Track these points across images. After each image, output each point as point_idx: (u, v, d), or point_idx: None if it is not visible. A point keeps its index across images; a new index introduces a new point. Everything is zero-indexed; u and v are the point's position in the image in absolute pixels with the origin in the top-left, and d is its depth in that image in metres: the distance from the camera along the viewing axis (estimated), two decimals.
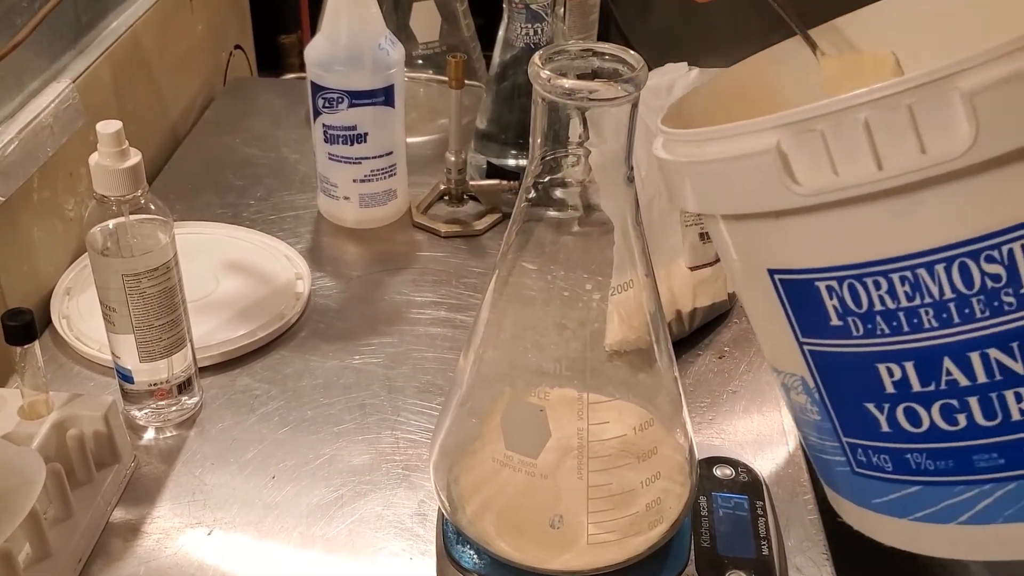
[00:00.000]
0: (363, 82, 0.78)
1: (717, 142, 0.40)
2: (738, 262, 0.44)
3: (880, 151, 0.35)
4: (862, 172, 0.36)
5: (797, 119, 0.37)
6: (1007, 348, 0.37)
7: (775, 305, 0.43)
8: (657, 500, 0.51)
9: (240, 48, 1.21)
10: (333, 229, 0.86)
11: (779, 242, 0.41)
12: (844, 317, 0.40)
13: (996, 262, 0.36)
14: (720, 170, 0.40)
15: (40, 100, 0.74)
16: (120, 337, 0.61)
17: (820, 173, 0.37)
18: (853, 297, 0.39)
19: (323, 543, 0.58)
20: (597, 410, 0.48)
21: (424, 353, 0.72)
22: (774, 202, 0.39)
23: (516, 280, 0.50)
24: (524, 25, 0.81)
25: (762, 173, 0.38)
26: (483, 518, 0.52)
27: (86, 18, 0.84)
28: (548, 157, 0.46)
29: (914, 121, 0.34)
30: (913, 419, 0.41)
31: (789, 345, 0.44)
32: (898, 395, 0.41)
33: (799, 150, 0.37)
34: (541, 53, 0.44)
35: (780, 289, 0.42)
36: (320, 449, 0.64)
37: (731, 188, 0.40)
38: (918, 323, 0.38)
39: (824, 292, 0.40)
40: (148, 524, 0.58)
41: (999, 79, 0.33)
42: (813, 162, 0.37)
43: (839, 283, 0.39)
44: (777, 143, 0.37)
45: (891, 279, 0.38)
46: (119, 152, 0.56)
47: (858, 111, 0.35)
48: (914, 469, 0.42)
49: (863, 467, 0.44)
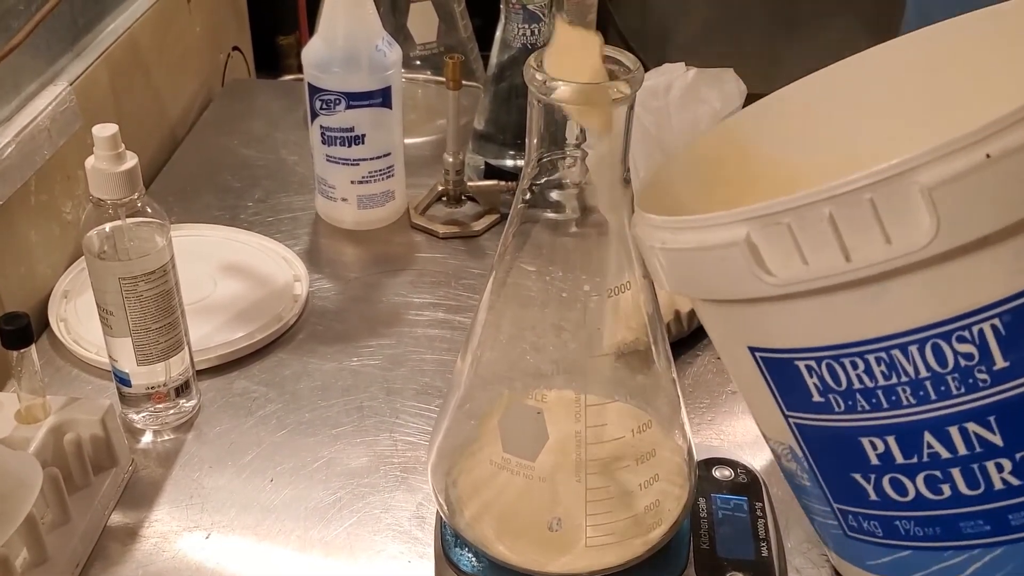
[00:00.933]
0: (360, 83, 0.78)
1: (690, 231, 0.40)
2: (722, 338, 0.45)
3: (847, 243, 0.36)
4: (831, 264, 0.37)
5: (764, 213, 0.37)
6: (984, 422, 0.38)
7: (759, 380, 0.44)
8: (656, 502, 0.50)
9: (238, 49, 1.21)
10: (331, 231, 0.86)
11: (757, 324, 0.42)
12: (825, 394, 0.41)
13: (968, 342, 0.37)
14: (694, 258, 0.41)
15: (37, 103, 0.74)
16: (117, 340, 0.61)
17: (790, 264, 0.38)
18: (832, 376, 0.40)
19: (321, 546, 0.57)
20: (595, 412, 0.48)
21: (422, 355, 0.72)
22: (747, 291, 0.39)
23: (513, 281, 0.49)
24: (521, 26, 0.80)
25: (734, 263, 0.39)
26: (481, 521, 0.52)
27: (83, 20, 0.84)
28: (545, 159, 0.46)
29: (877, 214, 0.35)
30: (899, 489, 0.42)
31: (776, 417, 0.44)
32: (883, 467, 0.41)
33: (768, 242, 0.38)
34: (536, 55, 0.44)
35: (762, 366, 0.43)
36: (318, 452, 0.64)
37: (705, 275, 0.41)
38: (896, 400, 0.39)
39: (804, 370, 0.41)
40: (146, 528, 0.58)
41: (955, 173, 0.34)
42: (783, 253, 0.37)
43: (817, 363, 0.40)
44: (747, 235, 0.38)
45: (867, 359, 0.39)
46: (115, 155, 0.56)
47: (822, 206, 0.36)
48: (903, 535, 0.43)
49: (855, 531, 0.45)
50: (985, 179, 0.34)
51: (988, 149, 0.34)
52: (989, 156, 0.34)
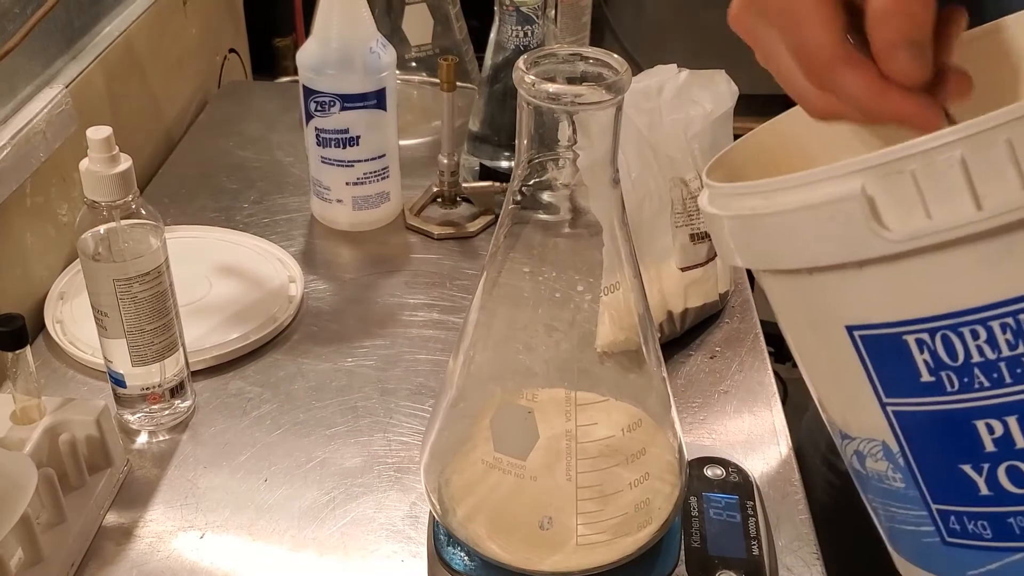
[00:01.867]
0: (355, 85, 0.78)
1: (790, 191, 0.37)
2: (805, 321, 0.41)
3: (979, 189, 0.33)
4: (960, 213, 0.34)
5: (884, 160, 0.34)
6: None
7: (852, 365, 0.40)
8: (646, 501, 0.51)
9: (235, 52, 1.21)
10: (326, 232, 0.86)
11: (860, 295, 0.38)
12: (936, 372, 0.37)
13: None
14: (793, 221, 0.37)
15: (33, 106, 0.74)
16: (112, 342, 0.61)
17: (912, 217, 0.34)
18: (947, 349, 0.36)
19: (315, 545, 0.58)
20: (585, 411, 0.48)
21: (417, 355, 0.72)
22: (859, 251, 0.36)
23: (505, 282, 0.50)
24: (515, 27, 0.81)
25: (845, 221, 0.35)
26: (473, 520, 0.52)
27: (79, 23, 0.84)
28: (535, 160, 0.46)
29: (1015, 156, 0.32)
30: (1017, 479, 0.38)
31: (868, 408, 0.40)
32: (999, 453, 0.38)
33: (887, 194, 0.34)
34: (525, 58, 0.44)
35: (861, 347, 0.39)
36: (312, 452, 0.64)
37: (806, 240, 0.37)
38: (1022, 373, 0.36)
39: (913, 346, 0.37)
40: (141, 528, 0.59)
41: None
42: (904, 205, 0.34)
43: (931, 335, 0.37)
44: (862, 187, 0.35)
45: (990, 327, 0.35)
46: (109, 158, 0.56)
47: (953, 147, 0.33)
48: (1018, 534, 0.39)
49: (956, 536, 0.41)
50: None
51: None
52: None
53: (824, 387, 0.43)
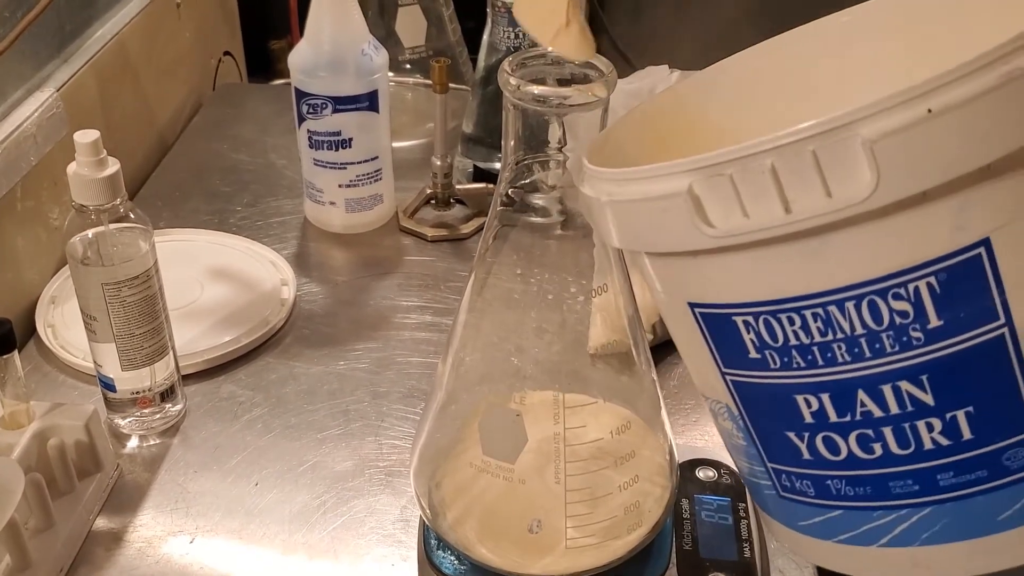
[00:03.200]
0: (347, 88, 0.78)
1: (635, 183, 0.40)
2: (662, 294, 0.45)
3: (788, 195, 0.36)
4: (771, 215, 0.37)
5: (707, 163, 0.37)
6: (917, 381, 0.39)
7: (698, 337, 0.44)
8: (636, 503, 0.51)
9: (229, 54, 1.21)
10: (319, 234, 0.86)
11: (697, 278, 0.42)
12: (761, 351, 0.41)
13: (903, 299, 0.37)
14: (639, 210, 0.41)
15: (23, 109, 0.74)
16: (102, 346, 0.61)
17: (731, 216, 0.38)
18: (769, 332, 0.40)
19: (305, 549, 0.58)
20: (574, 413, 0.48)
21: (409, 358, 0.72)
22: (689, 243, 0.39)
23: (493, 284, 0.50)
24: (507, 29, 0.81)
25: (676, 215, 0.39)
26: (463, 524, 0.52)
27: (71, 26, 0.84)
28: (522, 162, 0.46)
29: (819, 166, 0.35)
30: (832, 448, 0.42)
31: (713, 375, 0.45)
32: (816, 425, 0.42)
33: (710, 193, 0.38)
34: (511, 59, 0.44)
35: (701, 322, 0.43)
36: (303, 456, 0.64)
37: (650, 228, 0.41)
38: (832, 357, 0.39)
39: (741, 326, 0.41)
40: (131, 533, 0.58)
41: (897, 127, 0.34)
42: (724, 205, 0.38)
43: (755, 318, 0.40)
44: (689, 186, 0.38)
45: (804, 315, 0.39)
46: (97, 161, 0.56)
47: (764, 157, 0.36)
48: (835, 494, 0.43)
49: (788, 491, 0.45)
50: (926, 134, 0.34)
51: (930, 104, 0.34)
52: (931, 111, 0.34)
53: (684, 354, 0.48)
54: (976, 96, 0.33)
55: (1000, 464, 0.39)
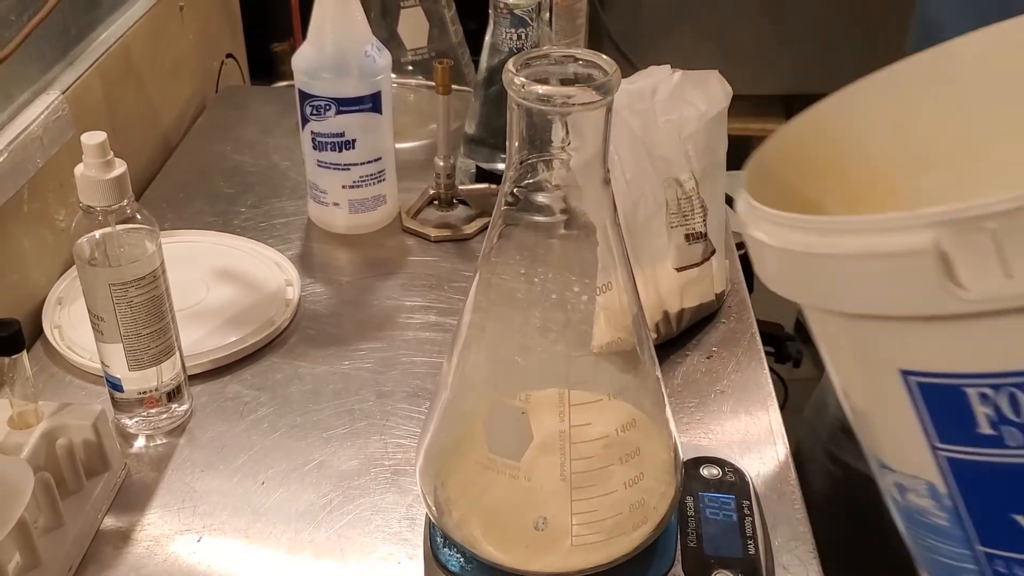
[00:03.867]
0: (350, 89, 0.79)
1: (852, 235, 0.34)
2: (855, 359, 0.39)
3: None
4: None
5: (963, 216, 0.32)
6: None
7: (905, 407, 0.38)
8: (641, 500, 0.51)
9: (232, 57, 1.21)
10: (323, 235, 0.86)
11: (922, 345, 0.36)
12: (998, 426, 0.36)
13: None
14: (854, 267, 0.35)
15: (29, 112, 0.75)
16: (109, 346, 0.61)
17: (989, 277, 0.32)
18: (1012, 406, 0.35)
19: (312, 548, 0.58)
20: (579, 411, 0.49)
21: (413, 357, 0.72)
22: (928, 307, 0.34)
23: (498, 283, 0.50)
24: (509, 30, 0.81)
25: (915, 275, 0.33)
26: (469, 521, 0.52)
27: (75, 30, 0.85)
28: (527, 161, 0.47)
29: None
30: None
31: (918, 449, 0.39)
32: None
33: (964, 251, 0.32)
34: (515, 59, 0.44)
35: (914, 392, 0.37)
36: (309, 455, 0.64)
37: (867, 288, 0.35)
38: None
39: (975, 399, 0.36)
40: (138, 531, 0.59)
41: None
42: (982, 265, 0.32)
43: (995, 390, 0.35)
44: (936, 241, 0.32)
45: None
46: (104, 163, 0.57)
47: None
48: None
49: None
50: None
51: None
52: None
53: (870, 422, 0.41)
54: None
55: None
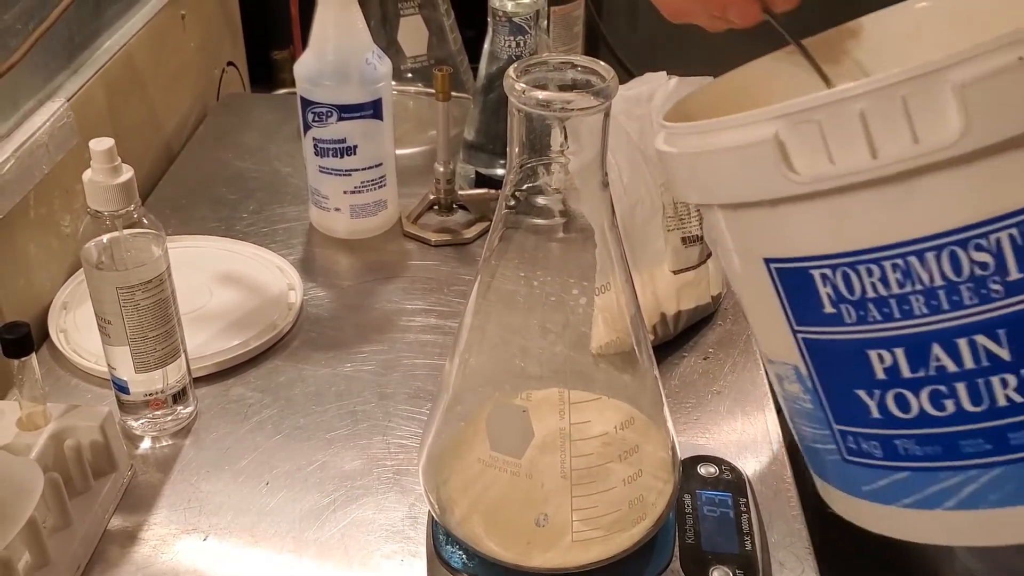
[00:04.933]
0: (351, 96, 0.80)
1: (718, 133, 0.41)
2: (735, 253, 0.45)
3: (875, 140, 0.37)
4: (857, 160, 0.37)
5: (795, 110, 0.38)
6: (993, 335, 0.38)
7: (770, 294, 0.44)
8: (640, 497, 0.52)
9: (233, 65, 1.22)
10: (325, 240, 0.87)
11: (776, 231, 0.42)
12: (837, 304, 0.41)
13: (984, 250, 0.37)
14: (721, 160, 0.41)
15: (35, 119, 0.76)
16: (115, 349, 0.62)
17: (817, 161, 0.38)
18: (846, 284, 0.40)
19: (316, 547, 0.59)
20: (579, 409, 0.50)
21: (415, 360, 0.73)
22: (772, 190, 0.40)
23: (499, 285, 0.51)
24: (508, 38, 0.82)
25: (761, 162, 0.39)
26: (471, 519, 0.53)
27: (80, 38, 0.86)
28: (527, 165, 0.48)
29: (907, 112, 0.36)
30: (902, 405, 0.42)
31: (783, 334, 0.44)
32: (888, 381, 0.42)
33: (797, 139, 0.38)
34: (516, 66, 0.45)
35: (775, 278, 0.43)
36: (313, 455, 0.65)
37: (731, 177, 0.41)
38: (908, 310, 0.39)
39: (818, 280, 0.41)
40: (145, 531, 0.60)
41: (988, 72, 0.35)
42: (810, 151, 0.38)
43: (833, 271, 0.41)
44: (775, 133, 0.38)
45: (883, 266, 0.39)
46: (112, 168, 0.58)
47: (854, 102, 0.37)
48: (903, 455, 0.43)
49: (853, 454, 0.45)
50: (1016, 81, 0.35)
51: (1020, 52, 0.34)
52: (1021, 58, 0.34)
53: (752, 315, 0.48)
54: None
55: None
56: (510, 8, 0.81)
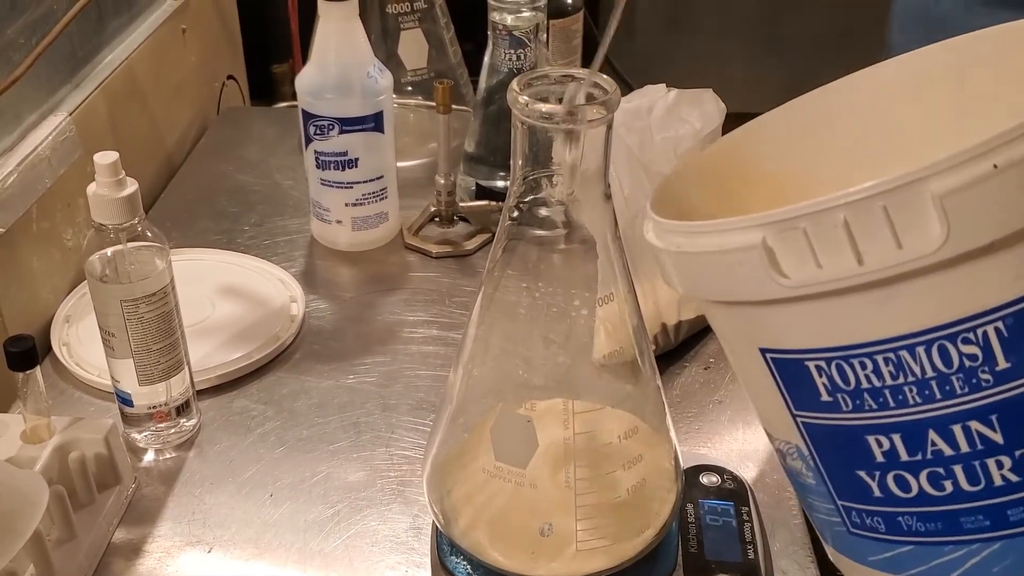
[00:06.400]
0: (353, 109, 0.80)
1: (706, 235, 0.42)
2: (732, 341, 0.46)
3: (860, 247, 0.38)
4: (844, 267, 0.39)
5: (781, 218, 0.39)
6: (987, 420, 0.40)
7: (768, 381, 0.45)
8: (644, 506, 0.52)
9: (233, 78, 1.23)
10: (326, 252, 0.88)
11: (768, 325, 0.43)
12: (834, 393, 0.43)
13: (972, 343, 0.39)
14: (709, 261, 0.42)
15: (38, 133, 0.76)
16: (119, 361, 0.63)
17: (804, 267, 0.39)
18: (841, 376, 0.42)
19: (320, 558, 0.59)
20: (583, 419, 0.50)
21: (417, 371, 0.74)
22: (761, 292, 0.41)
23: (502, 297, 0.51)
24: (508, 51, 0.83)
25: (750, 266, 0.41)
26: (475, 529, 0.53)
27: (82, 53, 0.86)
28: (530, 178, 0.48)
29: (890, 221, 0.37)
30: (902, 485, 0.43)
31: (783, 416, 0.46)
32: (887, 464, 0.43)
33: (784, 246, 0.40)
34: (519, 79, 0.46)
35: (772, 367, 0.44)
36: (316, 467, 0.65)
37: (720, 278, 0.43)
38: (903, 399, 0.41)
39: (813, 371, 0.43)
40: (149, 544, 0.60)
41: (966, 182, 0.36)
42: (797, 257, 0.39)
43: (827, 363, 0.42)
44: (763, 239, 0.40)
45: (875, 360, 0.41)
46: (116, 182, 0.58)
47: (837, 212, 0.38)
48: (905, 530, 0.44)
49: (858, 528, 0.46)
50: (992, 188, 0.36)
51: (996, 160, 0.36)
52: (996, 167, 0.36)
53: (753, 396, 0.49)
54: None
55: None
56: (510, 22, 0.82)
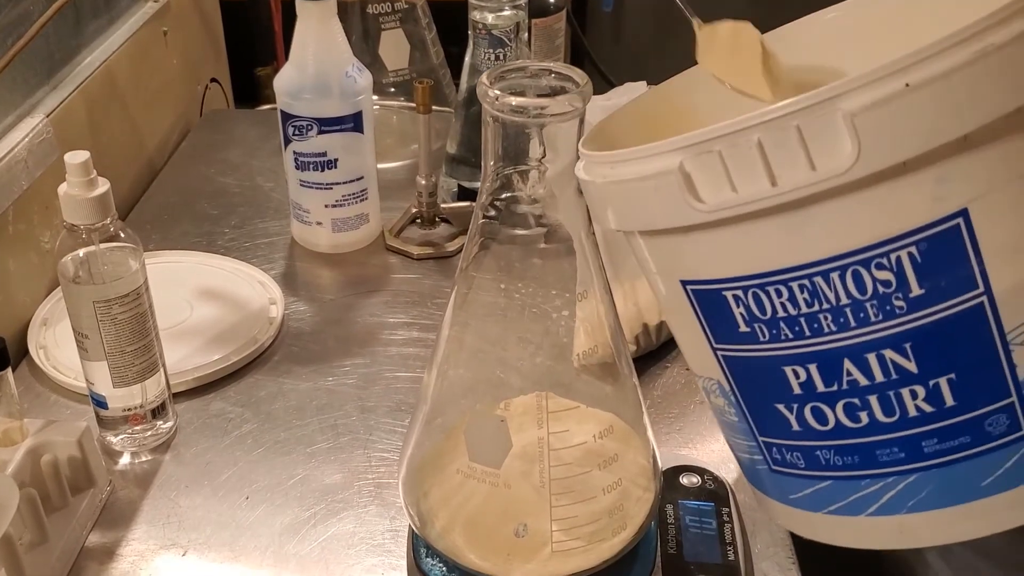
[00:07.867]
0: (331, 109, 0.80)
1: (629, 163, 0.42)
2: (656, 275, 0.46)
3: (774, 169, 0.38)
4: (758, 188, 0.39)
5: (697, 141, 0.39)
6: (900, 349, 0.40)
7: (690, 314, 0.45)
8: (620, 506, 0.52)
9: (216, 81, 1.22)
10: (307, 254, 0.87)
11: (689, 255, 0.43)
12: (751, 324, 0.43)
13: (886, 269, 0.39)
14: (633, 189, 0.42)
15: (14, 135, 0.75)
16: (93, 364, 0.62)
17: (720, 191, 0.39)
18: (757, 305, 0.42)
19: (296, 561, 0.58)
20: (557, 418, 0.49)
21: (396, 373, 0.73)
22: (681, 218, 0.41)
23: (476, 296, 0.51)
24: (488, 50, 0.82)
25: (669, 192, 0.40)
26: (451, 531, 0.53)
27: (60, 54, 0.85)
28: (502, 174, 0.48)
29: (803, 140, 0.37)
30: (820, 418, 0.43)
31: (705, 351, 0.46)
32: (804, 395, 0.43)
33: (700, 170, 0.39)
34: (489, 72, 0.45)
35: (692, 299, 0.45)
36: (293, 470, 0.64)
37: (643, 206, 0.43)
38: (818, 328, 0.41)
39: (731, 301, 0.43)
40: (123, 547, 0.59)
41: (877, 100, 0.36)
42: (713, 181, 0.39)
43: (744, 292, 0.42)
44: (680, 163, 0.40)
45: (791, 287, 0.41)
46: (87, 181, 0.57)
47: (751, 132, 0.38)
48: (824, 465, 0.45)
49: (779, 464, 0.47)
50: (904, 107, 0.36)
51: (907, 79, 0.36)
52: (908, 85, 0.36)
53: (677, 333, 0.49)
54: (952, 70, 0.35)
55: (982, 430, 0.41)
56: (490, 21, 0.82)
